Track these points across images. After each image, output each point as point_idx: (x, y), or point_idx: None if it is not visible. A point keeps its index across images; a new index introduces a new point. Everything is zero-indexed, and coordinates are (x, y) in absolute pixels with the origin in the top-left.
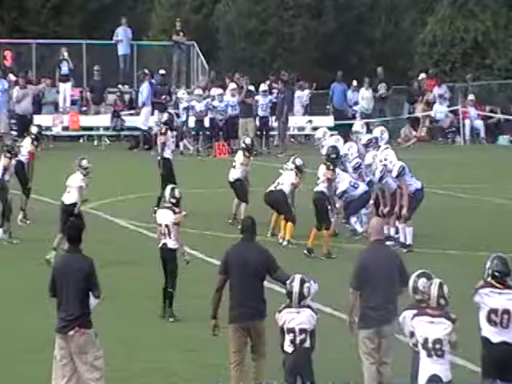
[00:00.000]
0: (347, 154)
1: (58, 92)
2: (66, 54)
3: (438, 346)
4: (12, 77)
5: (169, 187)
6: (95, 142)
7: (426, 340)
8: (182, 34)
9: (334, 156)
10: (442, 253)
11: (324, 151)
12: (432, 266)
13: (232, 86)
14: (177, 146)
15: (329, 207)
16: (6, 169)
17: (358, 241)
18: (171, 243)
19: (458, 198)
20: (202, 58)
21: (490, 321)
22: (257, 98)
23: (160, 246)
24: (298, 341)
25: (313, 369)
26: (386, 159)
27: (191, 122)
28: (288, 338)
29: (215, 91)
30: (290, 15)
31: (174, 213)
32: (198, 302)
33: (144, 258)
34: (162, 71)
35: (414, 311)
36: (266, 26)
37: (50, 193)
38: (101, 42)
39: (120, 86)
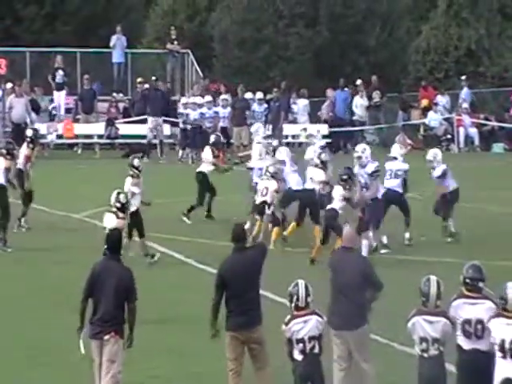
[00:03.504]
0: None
1: (52, 100)
2: (60, 62)
3: None
4: (8, 85)
5: (115, 192)
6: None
7: (502, 341)
8: (176, 42)
9: (345, 177)
10: (437, 261)
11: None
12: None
13: (223, 96)
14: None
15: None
16: (7, 170)
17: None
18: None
19: None
20: (197, 66)
21: (464, 331)
22: (253, 107)
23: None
24: (308, 349)
25: (323, 376)
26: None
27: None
28: (298, 347)
29: (206, 99)
30: (284, 24)
31: (118, 217)
32: (189, 309)
33: (140, 266)
34: (154, 78)
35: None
36: (260, 34)
37: (44, 201)
38: (95, 50)
39: (114, 94)
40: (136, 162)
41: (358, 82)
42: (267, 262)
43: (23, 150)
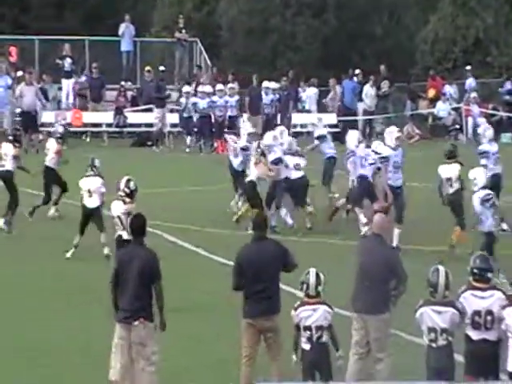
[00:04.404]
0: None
1: (60, 88)
2: (68, 50)
3: None
4: (19, 73)
5: (125, 178)
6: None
7: None
8: (184, 30)
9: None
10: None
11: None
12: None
13: (230, 85)
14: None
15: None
16: (15, 157)
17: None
18: (125, 234)
19: None
20: (205, 54)
21: (473, 322)
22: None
23: (115, 237)
24: (314, 338)
25: (331, 364)
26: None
27: (195, 119)
28: (305, 335)
29: (217, 87)
30: (291, 13)
31: (125, 203)
32: (202, 297)
33: None
34: (161, 67)
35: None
36: (268, 23)
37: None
38: (103, 39)
39: (123, 82)
40: (97, 162)
41: (357, 71)
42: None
43: (51, 147)
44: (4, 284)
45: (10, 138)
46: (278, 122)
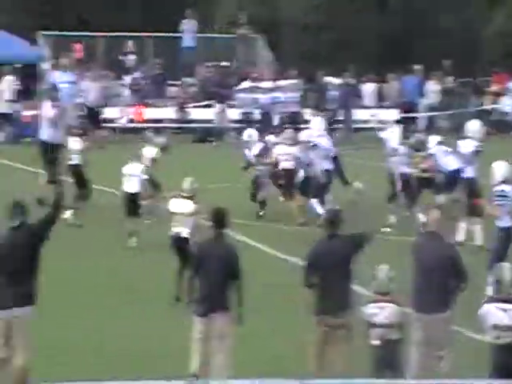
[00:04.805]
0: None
1: (123, 85)
2: (131, 46)
3: None
4: (81, 69)
5: (188, 179)
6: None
7: None
8: (246, 26)
9: None
10: None
11: None
12: None
13: (292, 81)
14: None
15: None
16: (82, 152)
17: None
18: (185, 232)
19: None
20: (267, 50)
21: None
22: None
23: (173, 234)
24: (383, 335)
25: (401, 361)
26: None
27: (256, 115)
28: (374, 332)
29: (279, 83)
30: (354, 8)
31: (193, 203)
32: (262, 293)
33: None
34: (223, 63)
35: None
36: (330, 19)
37: (114, 184)
38: (165, 35)
39: (184, 78)
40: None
41: (418, 67)
42: None
43: (149, 153)
44: (60, 279)
45: (77, 132)
46: (340, 117)
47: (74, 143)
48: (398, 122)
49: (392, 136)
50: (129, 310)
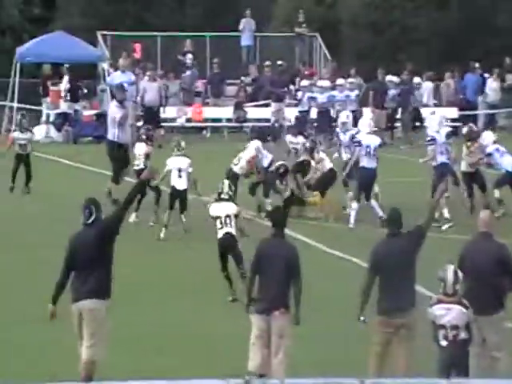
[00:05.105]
0: (346, 122)
1: (181, 84)
2: (190, 45)
3: None
4: (140, 69)
5: (226, 182)
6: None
7: None
8: (304, 25)
9: None
10: None
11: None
12: None
13: (351, 80)
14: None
15: None
16: (147, 155)
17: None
18: (233, 231)
19: None
20: (325, 49)
21: None
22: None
23: (222, 235)
24: (450, 336)
25: (468, 362)
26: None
27: (313, 114)
28: (441, 332)
29: (338, 81)
30: (413, 6)
31: (236, 205)
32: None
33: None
34: (279, 62)
35: None
36: (389, 17)
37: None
38: (224, 34)
39: (243, 77)
40: (183, 143)
41: (477, 64)
42: None
43: (247, 156)
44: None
45: (143, 137)
46: (399, 116)
47: (140, 148)
48: (456, 120)
49: (431, 123)
50: (180, 304)
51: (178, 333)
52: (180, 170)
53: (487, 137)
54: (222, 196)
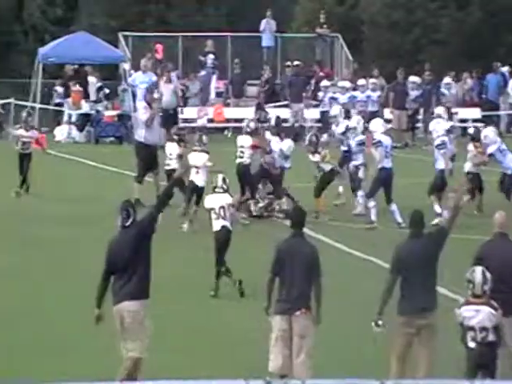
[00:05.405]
0: (356, 127)
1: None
2: (211, 46)
3: None
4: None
5: (220, 176)
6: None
7: None
8: (325, 26)
9: None
10: None
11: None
12: None
13: (372, 80)
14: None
15: None
16: (180, 156)
17: None
18: (229, 224)
19: None
20: (346, 50)
21: None
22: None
23: (219, 229)
24: (479, 338)
25: (497, 364)
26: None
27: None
28: (469, 334)
29: (359, 82)
30: (435, 6)
31: (231, 196)
32: (337, 294)
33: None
34: (296, 62)
35: None
36: (411, 17)
37: None
38: (245, 35)
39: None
40: (205, 138)
41: (499, 64)
42: None
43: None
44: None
45: (175, 137)
46: (421, 116)
47: (173, 148)
48: (478, 120)
49: (437, 127)
50: (199, 303)
51: (198, 333)
52: (197, 167)
53: (489, 134)
54: (217, 190)
